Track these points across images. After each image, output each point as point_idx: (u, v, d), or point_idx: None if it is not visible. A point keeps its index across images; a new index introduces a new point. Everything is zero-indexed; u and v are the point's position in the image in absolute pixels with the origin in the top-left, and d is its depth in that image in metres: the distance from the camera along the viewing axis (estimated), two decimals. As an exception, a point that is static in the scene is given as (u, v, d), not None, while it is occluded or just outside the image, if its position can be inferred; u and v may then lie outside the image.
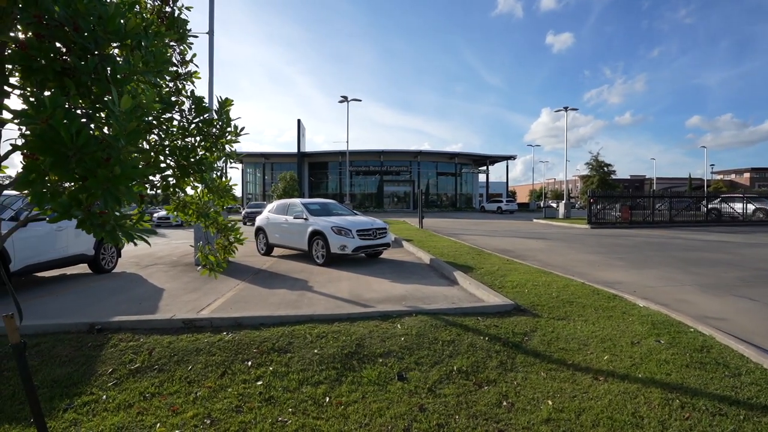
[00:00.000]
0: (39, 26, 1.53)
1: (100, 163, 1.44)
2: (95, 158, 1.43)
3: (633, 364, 3.36)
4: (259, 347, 3.68)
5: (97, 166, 1.43)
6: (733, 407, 2.70)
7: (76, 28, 1.56)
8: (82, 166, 1.43)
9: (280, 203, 11.03)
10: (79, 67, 1.61)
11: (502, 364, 3.43)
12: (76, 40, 1.59)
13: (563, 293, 5.57)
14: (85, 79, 1.63)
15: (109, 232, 1.59)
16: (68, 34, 1.57)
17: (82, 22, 1.57)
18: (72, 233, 7.21)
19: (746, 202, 23.75)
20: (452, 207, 52.88)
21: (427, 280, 7.11)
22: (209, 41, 9.45)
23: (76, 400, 2.89)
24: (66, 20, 1.54)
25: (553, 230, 19.08)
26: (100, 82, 1.65)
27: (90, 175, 1.43)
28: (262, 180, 53.66)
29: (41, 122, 1.37)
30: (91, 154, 1.42)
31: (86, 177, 1.44)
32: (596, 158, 44.15)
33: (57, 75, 1.61)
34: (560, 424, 2.56)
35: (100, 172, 1.43)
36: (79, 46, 1.60)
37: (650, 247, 11.98)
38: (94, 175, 1.43)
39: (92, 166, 1.43)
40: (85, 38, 1.59)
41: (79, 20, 1.56)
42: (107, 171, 1.44)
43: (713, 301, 5.74)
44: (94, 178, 1.43)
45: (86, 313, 5.09)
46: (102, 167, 1.43)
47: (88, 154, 1.42)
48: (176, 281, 7.21)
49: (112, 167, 1.45)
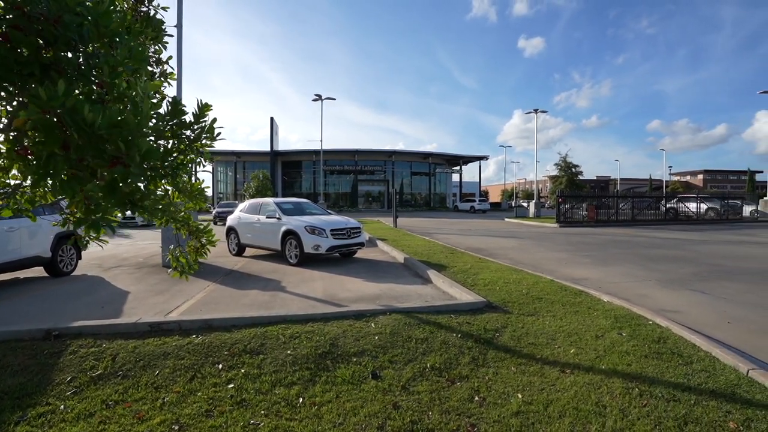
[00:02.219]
0: (21, 18, 1.45)
1: (127, 142, 1.43)
2: (123, 138, 1.42)
3: (597, 357, 3.52)
4: (230, 349, 3.59)
5: (127, 145, 1.43)
6: (686, 393, 2.88)
7: (56, 21, 1.50)
8: (108, 149, 1.43)
9: (252, 202, 10.80)
10: (65, 62, 1.55)
11: (474, 360, 3.51)
12: (59, 34, 1.52)
13: (533, 290, 5.76)
14: (72, 74, 1.58)
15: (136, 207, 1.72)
16: (51, 27, 1.51)
17: (68, 16, 1.50)
18: (25, 233, 6.78)
19: (700, 202, 25.38)
20: (426, 206, 53.41)
21: (401, 279, 7.16)
22: (177, 35, 9.11)
23: (29, 411, 2.73)
24: (49, 13, 1.48)
25: (523, 229, 19.64)
26: (85, 77, 1.60)
27: (120, 155, 1.44)
28: (234, 179, 52.30)
29: (52, 112, 1.33)
30: (117, 135, 1.42)
31: (116, 159, 1.44)
32: (564, 159, 45.65)
33: (43, 69, 1.55)
34: (529, 416, 2.64)
35: (132, 150, 1.44)
36: (62, 40, 1.54)
37: (614, 245, 12.56)
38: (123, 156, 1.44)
39: (123, 145, 1.43)
40: (69, 33, 1.53)
41: (64, 15, 1.50)
42: (137, 149, 1.45)
43: (670, 295, 6.08)
44: (129, 157, 1.44)
45: (42, 318, 4.81)
46: (129, 147, 1.43)
47: (115, 135, 1.41)
48: (142, 283, 6.92)
49: (139, 144, 1.45)
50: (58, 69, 1.56)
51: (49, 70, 1.55)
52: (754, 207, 26.78)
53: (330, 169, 50.35)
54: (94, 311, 5.15)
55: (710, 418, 2.57)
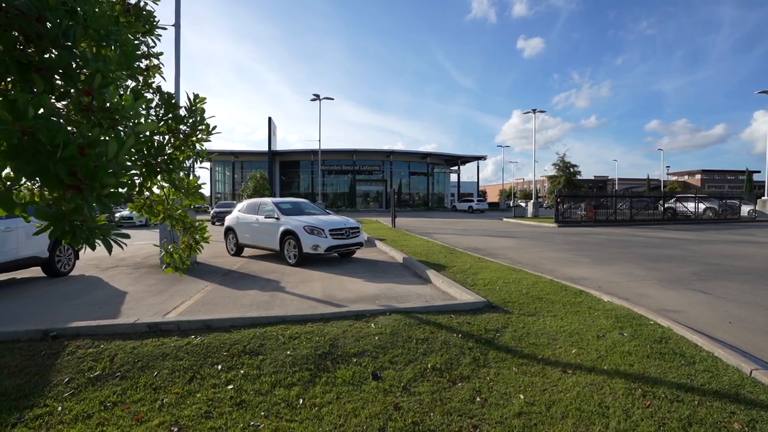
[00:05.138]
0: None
1: (90, 173, 1.35)
2: (86, 168, 1.34)
3: (599, 357, 3.50)
4: (229, 350, 3.56)
5: (88, 177, 1.34)
6: (689, 394, 2.86)
7: (39, 19, 1.43)
8: (68, 177, 1.33)
9: (250, 202, 10.76)
10: (49, 62, 1.48)
11: (475, 360, 3.48)
12: (41, 32, 1.45)
13: (533, 290, 5.74)
14: (56, 75, 1.51)
15: (85, 239, 1.52)
16: (32, 24, 1.43)
17: (50, 13, 1.44)
18: (23, 234, 6.72)
19: (698, 201, 25.41)
20: (424, 206, 53.36)
21: (400, 279, 7.13)
22: (176, 34, 9.08)
23: (27, 413, 2.69)
24: (28, 9, 1.41)
25: (522, 229, 19.64)
26: (71, 79, 1.52)
27: (77, 184, 1.34)
28: (232, 179, 52.17)
29: (19, 130, 1.26)
30: (81, 164, 1.33)
31: (73, 186, 1.35)
32: (563, 159, 45.79)
33: (21, 68, 1.47)
34: (531, 417, 2.62)
35: (91, 183, 1.35)
36: (47, 39, 1.47)
37: (613, 245, 12.56)
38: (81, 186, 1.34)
39: (83, 175, 1.34)
40: (52, 30, 1.46)
41: (45, 12, 1.43)
42: (97, 182, 1.35)
43: (670, 294, 6.08)
44: (88, 188, 1.35)
45: (39, 319, 4.76)
46: (91, 179, 1.35)
47: (78, 165, 1.33)
48: (140, 283, 6.88)
49: (101, 177, 1.36)
50: (40, 69, 1.47)
51: (29, 71, 1.46)
52: (752, 207, 26.84)
53: (328, 169, 50.24)
54: (92, 311, 5.10)
55: (714, 419, 2.56)
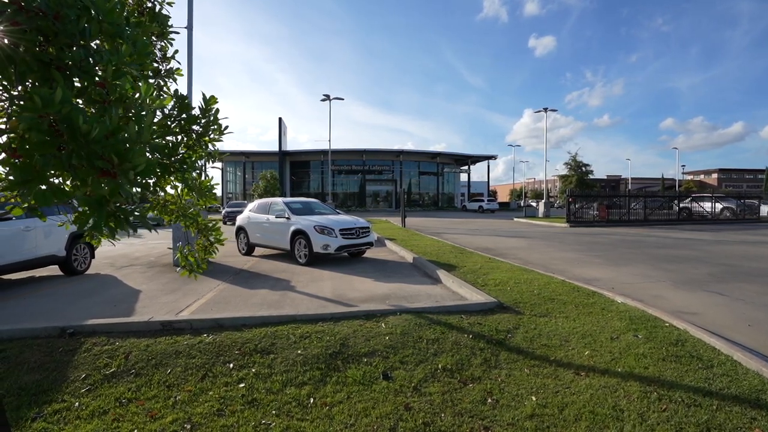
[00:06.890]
0: (17, 13, 1.43)
1: (122, 154, 1.39)
2: (117, 149, 1.38)
3: (613, 359, 3.44)
4: (240, 349, 3.59)
5: (120, 158, 1.39)
6: (707, 398, 2.80)
7: (56, 16, 1.47)
8: (101, 161, 1.39)
9: (261, 202, 10.85)
10: (67, 59, 1.52)
11: (486, 361, 3.46)
12: (59, 30, 1.49)
13: (544, 291, 5.67)
14: (74, 72, 1.55)
15: (127, 221, 1.61)
16: (50, 23, 1.47)
17: (68, 11, 1.47)
18: (41, 233, 6.89)
19: (714, 201, 24.83)
20: (434, 206, 53.22)
21: (410, 279, 7.12)
22: (188, 36, 9.20)
23: (45, 408, 2.75)
24: (47, 8, 1.45)
25: (533, 229, 19.44)
26: (88, 75, 1.57)
27: (109, 168, 1.40)
28: (243, 179, 52.70)
29: (48, 118, 1.30)
30: (111, 146, 1.38)
31: (106, 172, 1.40)
32: (575, 158, 45.19)
33: (42, 66, 1.52)
34: (544, 420, 2.59)
35: (123, 165, 1.39)
36: (63, 36, 1.51)
37: (626, 245, 12.35)
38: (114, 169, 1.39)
39: (116, 156, 1.40)
40: (69, 28, 1.50)
41: (62, 9, 1.47)
42: (128, 162, 1.40)
43: (686, 296, 5.95)
44: (121, 170, 1.40)
45: (57, 316, 4.87)
46: (123, 159, 1.39)
47: (109, 147, 1.38)
48: (154, 282, 6.99)
49: (132, 157, 1.41)
50: (59, 66, 1.52)
51: (49, 68, 1.51)
52: (771, 206, 26.14)
53: (338, 168, 50.43)
54: (107, 309, 5.21)
55: (734, 424, 2.49)
